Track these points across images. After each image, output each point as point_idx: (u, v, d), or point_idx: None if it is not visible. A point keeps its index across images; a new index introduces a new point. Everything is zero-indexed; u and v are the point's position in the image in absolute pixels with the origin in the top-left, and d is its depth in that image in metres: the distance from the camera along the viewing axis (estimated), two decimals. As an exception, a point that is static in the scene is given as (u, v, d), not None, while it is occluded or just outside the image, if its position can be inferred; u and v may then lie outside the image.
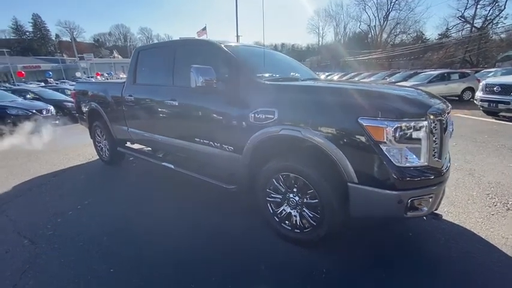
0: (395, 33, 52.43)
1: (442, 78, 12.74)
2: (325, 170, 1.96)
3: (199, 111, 2.70)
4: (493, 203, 2.96)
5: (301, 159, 2.10)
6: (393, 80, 15.53)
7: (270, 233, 2.41)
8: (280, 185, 2.24)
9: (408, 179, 1.74)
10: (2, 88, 13.05)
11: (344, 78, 22.30)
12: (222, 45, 2.69)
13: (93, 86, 4.75)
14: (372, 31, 55.26)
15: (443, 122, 1.90)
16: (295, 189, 2.17)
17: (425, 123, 1.73)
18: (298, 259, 2.13)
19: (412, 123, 1.71)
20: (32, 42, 75.23)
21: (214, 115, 2.55)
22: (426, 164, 1.79)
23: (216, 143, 2.62)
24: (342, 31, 63.47)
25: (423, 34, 49.76)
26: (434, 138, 1.80)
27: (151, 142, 3.64)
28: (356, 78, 20.32)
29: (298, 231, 2.23)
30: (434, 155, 1.83)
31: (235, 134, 2.40)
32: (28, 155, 5.42)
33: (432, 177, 1.81)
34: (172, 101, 2.90)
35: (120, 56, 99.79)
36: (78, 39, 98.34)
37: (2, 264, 2.13)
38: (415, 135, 1.72)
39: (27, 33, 77.40)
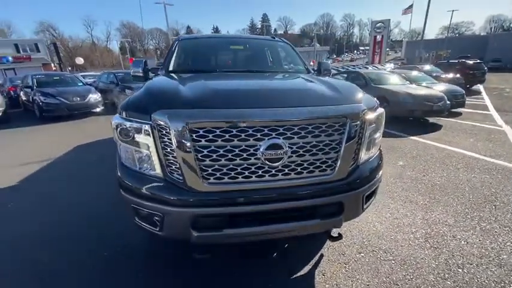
0: None
1: None
2: None
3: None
4: None
5: None
6: None
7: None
8: None
9: (129, 184, 1.58)
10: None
11: None
12: (180, 40, 3.08)
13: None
14: None
15: (197, 132, 1.40)
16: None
17: (147, 127, 1.46)
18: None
19: (134, 125, 1.50)
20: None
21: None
22: (162, 176, 1.52)
23: None
24: None
25: None
26: (169, 149, 1.45)
27: None
28: None
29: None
30: (176, 171, 1.47)
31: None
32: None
33: (165, 194, 1.48)
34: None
35: (318, 45, 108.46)
36: (289, 32, 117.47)
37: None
38: (138, 138, 1.51)
39: (257, 30, 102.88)
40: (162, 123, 1.42)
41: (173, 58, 2.80)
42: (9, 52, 29.82)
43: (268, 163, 1.48)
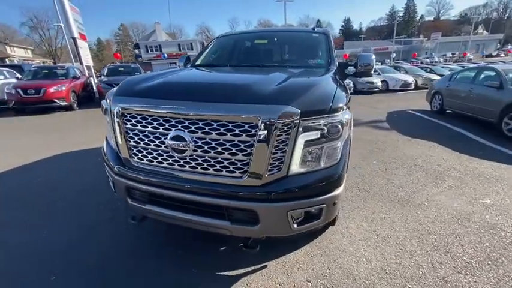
0: None
1: None
2: None
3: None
4: None
5: None
6: None
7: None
8: None
9: (103, 151, 2.02)
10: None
11: None
12: (218, 37, 3.38)
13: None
14: None
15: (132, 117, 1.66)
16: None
17: (107, 108, 1.82)
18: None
19: (104, 106, 1.89)
20: (397, 26, 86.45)
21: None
22: (116, 149, 1.87)
23: None
24: None
25: None
26: (121, 129, 1.74)
27: None
28: None
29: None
30: (117, 147, 1.79)
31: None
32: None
33: (113, 163, 1.82)
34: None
35: (486, 32, 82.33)
36: (443, 18, 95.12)
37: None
38: (107, 117, 1.89)
39: (398, 18, 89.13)
40: (110, 106, 1.77)
41: (203, 53, 3.15)
42: (175, 50, 40.37)
43: (175, 153, 1.56)
